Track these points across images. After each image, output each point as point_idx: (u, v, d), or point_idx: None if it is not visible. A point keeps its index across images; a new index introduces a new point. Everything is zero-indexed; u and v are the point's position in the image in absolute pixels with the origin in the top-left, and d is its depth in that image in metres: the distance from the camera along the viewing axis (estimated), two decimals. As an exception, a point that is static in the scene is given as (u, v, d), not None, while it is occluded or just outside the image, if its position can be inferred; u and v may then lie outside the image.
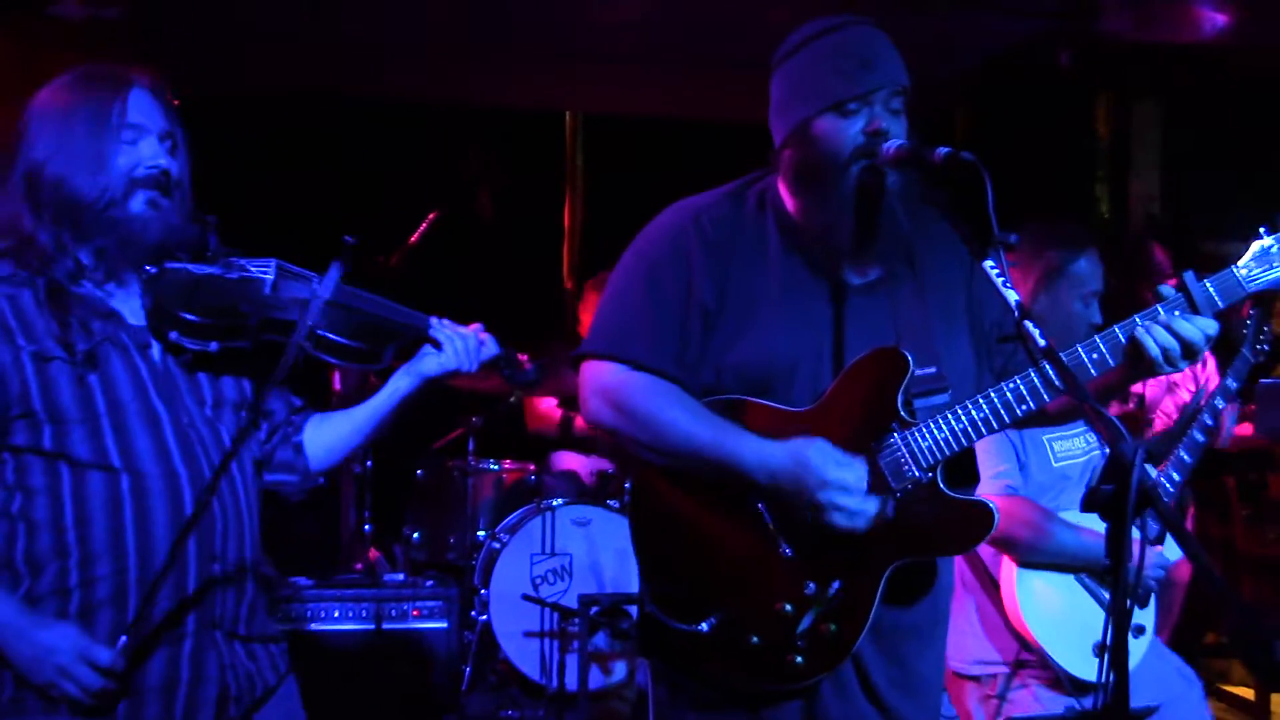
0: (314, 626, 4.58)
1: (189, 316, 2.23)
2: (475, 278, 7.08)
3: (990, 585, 3.29)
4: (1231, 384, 3.64)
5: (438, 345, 2.45)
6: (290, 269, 2.35)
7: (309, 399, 2.58)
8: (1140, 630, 3.27)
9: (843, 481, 2.20)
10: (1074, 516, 3.21)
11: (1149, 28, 6.06)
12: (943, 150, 2.13)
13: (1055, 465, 3.30)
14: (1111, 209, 7.09)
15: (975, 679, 3.31)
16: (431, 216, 5.99)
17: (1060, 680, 3.20)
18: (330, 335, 2.34)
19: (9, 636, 2.11)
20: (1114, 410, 4.71)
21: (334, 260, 2.34)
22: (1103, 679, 1.75)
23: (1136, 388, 4.78)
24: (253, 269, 2.33)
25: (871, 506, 2.22)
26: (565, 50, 6.51)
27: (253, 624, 2.34)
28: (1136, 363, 2.25)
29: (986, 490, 3.10)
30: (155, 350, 2.28)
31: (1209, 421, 3.54)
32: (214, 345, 2.26)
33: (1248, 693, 5.65)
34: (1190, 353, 2.23)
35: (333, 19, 6.02)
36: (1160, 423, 4.71)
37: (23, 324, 2.18)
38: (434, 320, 2.46)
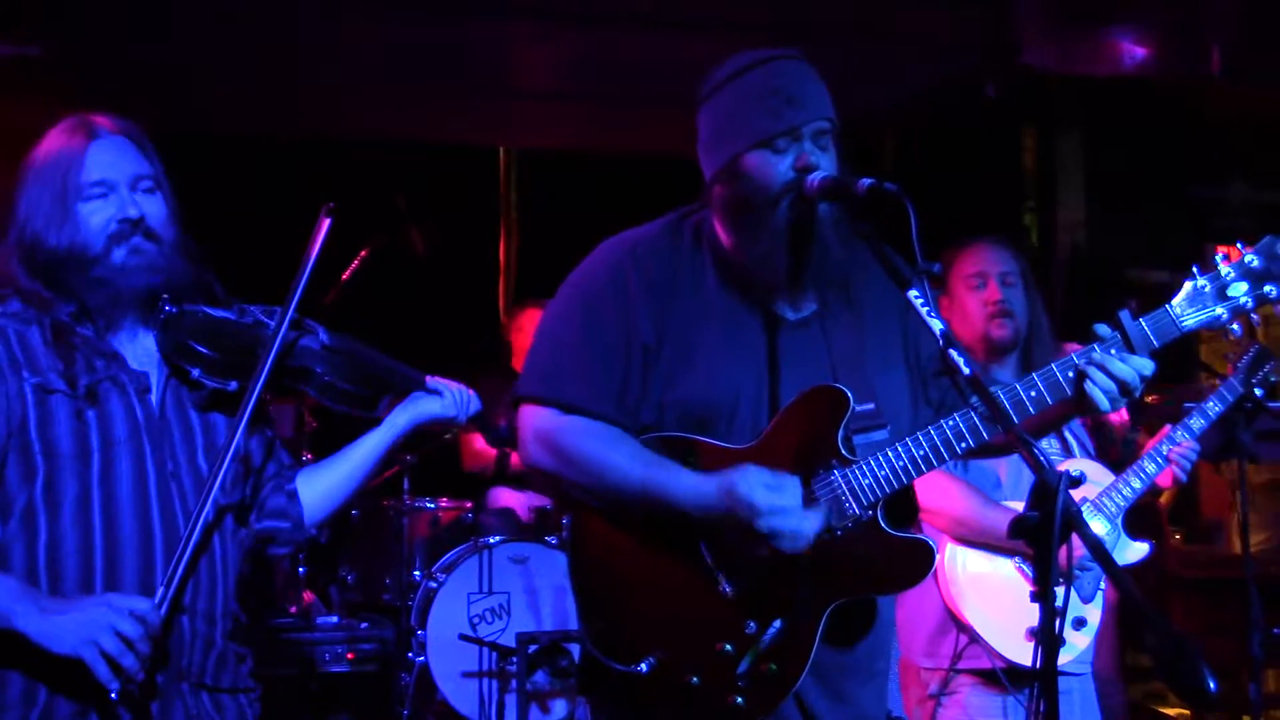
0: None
1: (211, 353, 2.28)
2: (410, 313, 7.03)
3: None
4: (1196, 423, 3.67)
5: (435, 394, 2.57)
6: (298, 319, 2.40)
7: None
8: (1081, 623, 3.29)
9: (775, 505, 2.17)
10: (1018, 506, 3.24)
11: (1071, 61, 6.18)
12: (866, 181, 2.13)
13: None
14: (1040, 238, 7.20)
15: (925, 670, 3.34)
16: (363, 253, 5.96)
17: (993, 675, 3.21)
18: (336, 381, 2.42)
19: (23, 609, 2.08)
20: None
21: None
22: (1035, 664, 1.77)
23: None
24: (262, 316, 2.40)
25: (810, 523, 2.19)
26: (491, 88, 6.52)
27: (221, 675, 2.32)
28: (1078, 402, 2.26)
29: None
30: (154, 396, 2.30)
31: (1163, 455, 3.58)
32: (233, 384, 2.30)
33: (1184, 712, 5.73)
34: (1126, 392, 2.25)
35: (260, 60, 5.97)
36: None
37: (28, 357, 2.22)
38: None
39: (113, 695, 2.07)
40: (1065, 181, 7.11)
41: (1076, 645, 3.30)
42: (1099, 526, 3.34)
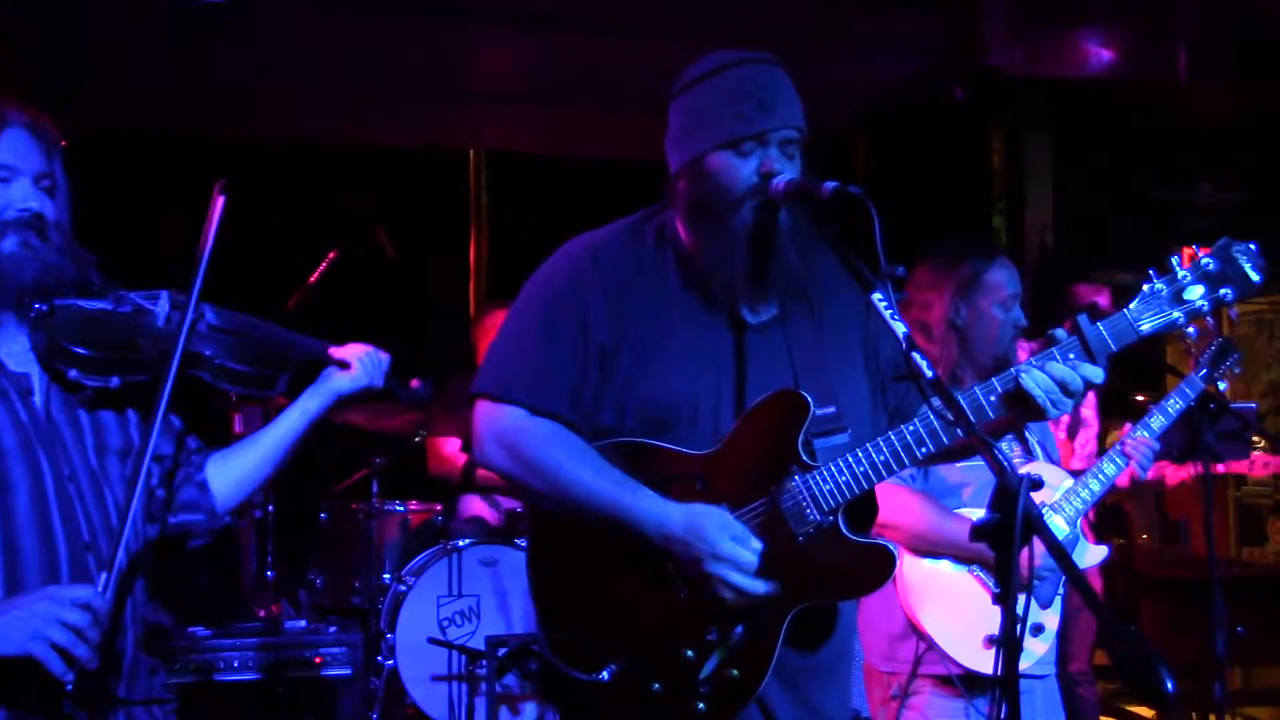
0: (215, 678, 4.45)
1: (86, 352, 2.19)
2: (381, 315, 7.00)
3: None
4: (1156, 421, 3.68)
5: (344, 366, 2.48)
6: (180, 300, 2.29)
7: (209, 442, 2.51)
8: (1040, 629, 3.30)
9: (735, 557, 2.19)
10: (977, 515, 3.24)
11: (1038, 64, 6.21)
12: (831, 185, 2.14)
13: (959, 466, 3.31)
14: (1009, 238, 7.23)
15: (884, 674, 3.34)
16: (331, 256, 5.93)
17: (952, 680, 3.22)
18: (228, 363, 2.32)
19: None
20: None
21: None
22: (995, 671, 1.78)
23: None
24: (143, 302, 2.29)
25: (759, 588, 2.20)
26: (459, 90, 6.51)
27: (134, 686, 2.24)
28: (1025, 406, 2.27)
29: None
30: (38, 397, 2.21)
31: (1122, 454, 3.60)
32: (115, 380, 2.22)
33: (1148, 712, 5.76)
34: (1071, 396, 2.26)
35: (221, 63, 5.95)
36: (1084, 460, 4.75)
37: None
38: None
39: (69, 688, 1.99)
40: (1033, 183, 7.15)
41: (1035, 652, 3.30)
42: (1057, 530, 3.35)
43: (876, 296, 2.08)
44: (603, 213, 2.57)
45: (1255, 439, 4.90)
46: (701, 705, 2.25)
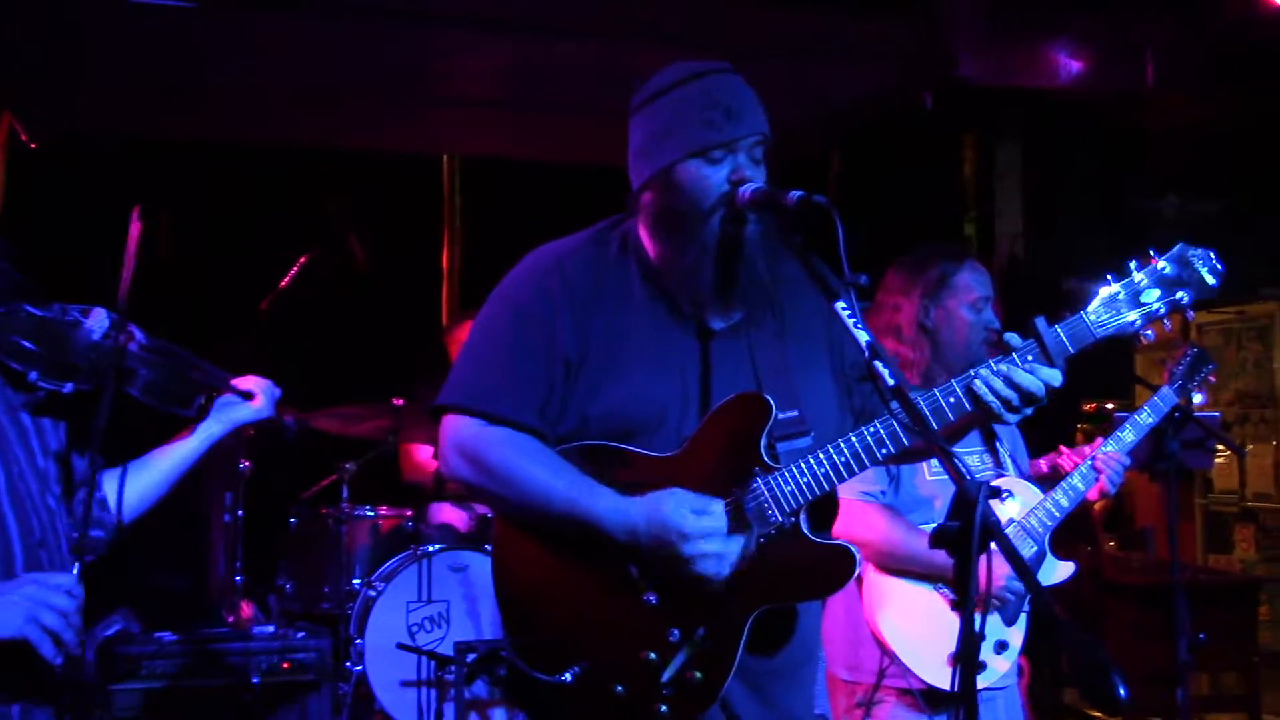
0: (182, 683, 4.43)
1: (44, 353, 2.26)
2: (353, 321, 6.99)
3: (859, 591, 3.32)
4: (1127, 435, 3.68)
5: (248, 396, 2.64)
6: (114, 318, 2.38)
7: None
8: (1004, 646, 3.30)
9: (702, 529, 2.20)
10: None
11: (1008, 74, 6.26)
12: (796, 194, 2.15)
13: (930, 479, 3.33)
14: (980, 247, 7.28)
15: (847, 684, 3.34)
16: (302, 260, 5.92)
17: (914, 695, 3.23)
18: (154, 381, 2.45)
19: None
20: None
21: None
22: (954, 688, 1.79)
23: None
24: (79, 316, 2.38)
25: (736, 546, 2.22)
26: (432, 96, 6.50)
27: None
28: (983, 409, 2.28)
29: (844, 495, 3.13)
30: None
31: (1092, 469, 3.58)
32: (69, 386, 2.28)
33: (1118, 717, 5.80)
34: (1030, 401, 2.27)
35: (190, 66, 5.93)
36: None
37: None
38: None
39: (58, 672, 2.09)
40: (1004, 192, 7.21)
41: (997, 669, 3.30)
42: (1025, 549, 3.35)
43: (840, 304, 2.10)
44: (577, 219, 2.58)
45: (1219, 446, 4.93)
46: (664, 708, 2.26)
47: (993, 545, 1.78)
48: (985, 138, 7.05)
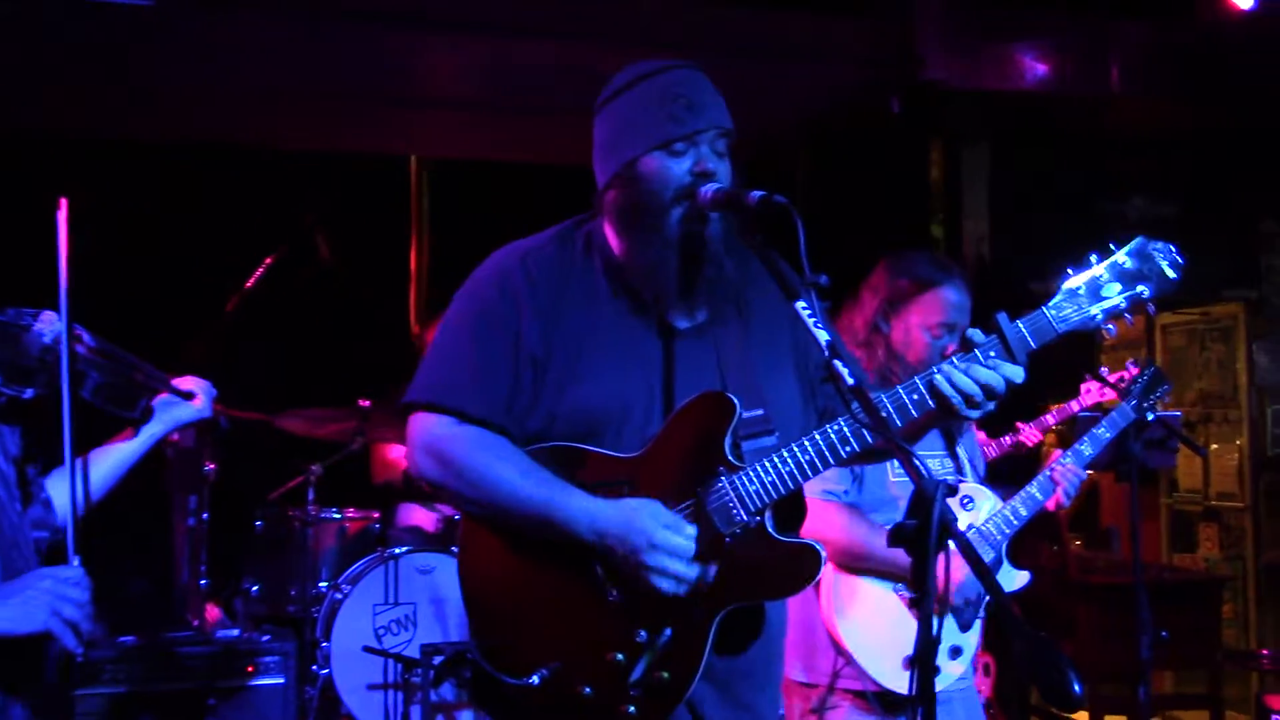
0: (147, 687, 4.39)
1: (6, 359, 2.27)
2: (320, 322, 6.95)
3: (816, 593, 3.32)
4: (1085, 449, 3.72)
5: (187, 396, 2.69)
6: (60, 320, 2.39)
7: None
8: (958, 651, 3.31)
9: (671, 545, 2.20)
10: None
11: (973, 77, 6.30)
12: (757, 194, 2.16)
13: (894, 479, 3.33)
14: (947, 249, 7.31)
15: (802, 686, 3.32)
16: (268, 261, 5.88)
17: (869, 698, 3.22)
18: (103, 382, 2.48)
19: None
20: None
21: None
22: (911, 691, 1.79)
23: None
24: (30, 320, 2.39)
25: (694, 573, 2.21)
26: (400, 96, 6.48)
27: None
28: (946, 405, 2.28)
29: (806, 494, 3.12)
30: None
31: (1050, 480, 3.62)
32: (30, 391, 2.30)
33: (1081, 716, 5.84)
34: (991, 396, 2.28)
35: (158, 66, 5.89)
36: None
37: None
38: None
39: (79, 659, 2.21)
40: (971, 194, 7.23)
41: (951, 674, 3.30)
42: (983, 556, 3.35)
43: (801, 304, 2.10)
44: (545, 220, 2.57)
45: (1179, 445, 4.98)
46: (632, 709, 2.26)
47: (951, 545, 1.78)
48: (952, 140, 7.07)
